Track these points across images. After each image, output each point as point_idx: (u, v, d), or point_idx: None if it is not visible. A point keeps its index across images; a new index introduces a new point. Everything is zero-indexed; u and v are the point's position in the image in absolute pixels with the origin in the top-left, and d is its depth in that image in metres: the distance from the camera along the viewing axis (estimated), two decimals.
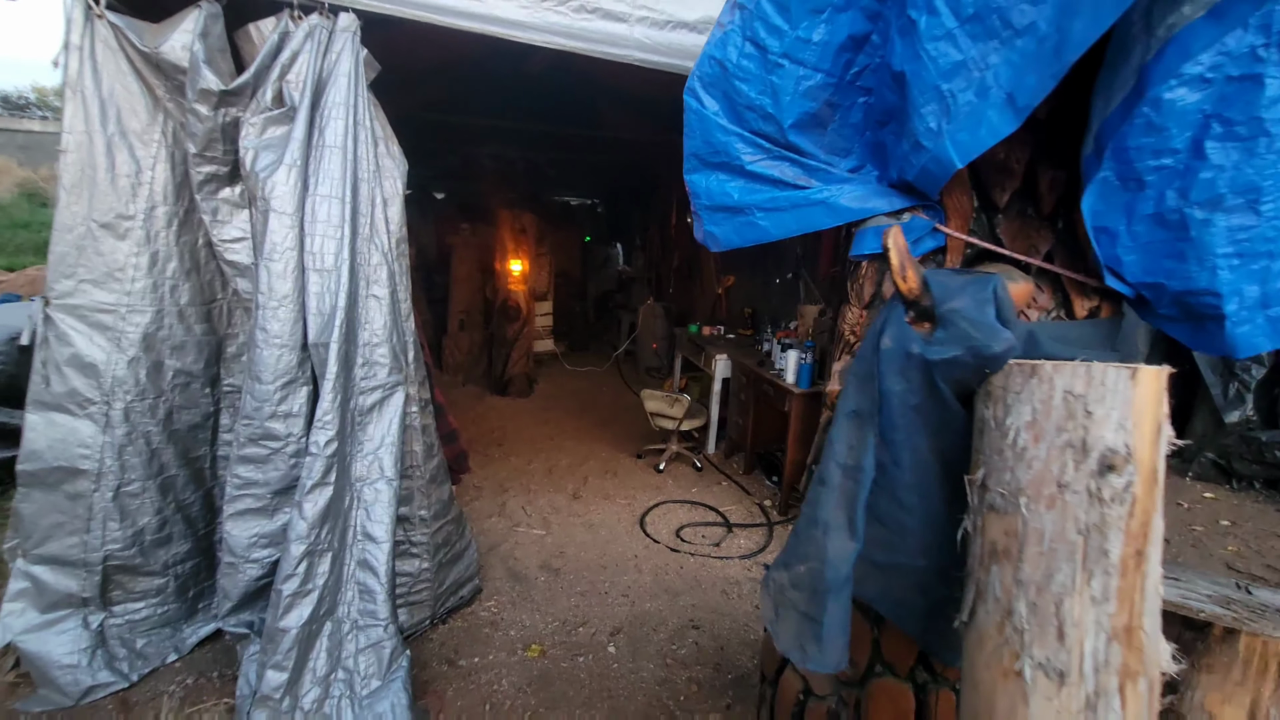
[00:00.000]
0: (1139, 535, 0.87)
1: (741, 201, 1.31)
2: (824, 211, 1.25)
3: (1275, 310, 1.00)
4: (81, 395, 2.07)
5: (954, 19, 0.97)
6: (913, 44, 1.02)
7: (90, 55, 1.92)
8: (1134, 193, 1.00)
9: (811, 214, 1.25)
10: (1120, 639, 0.87)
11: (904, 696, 1.36)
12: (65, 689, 2.08)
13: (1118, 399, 0.85)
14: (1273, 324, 1.01)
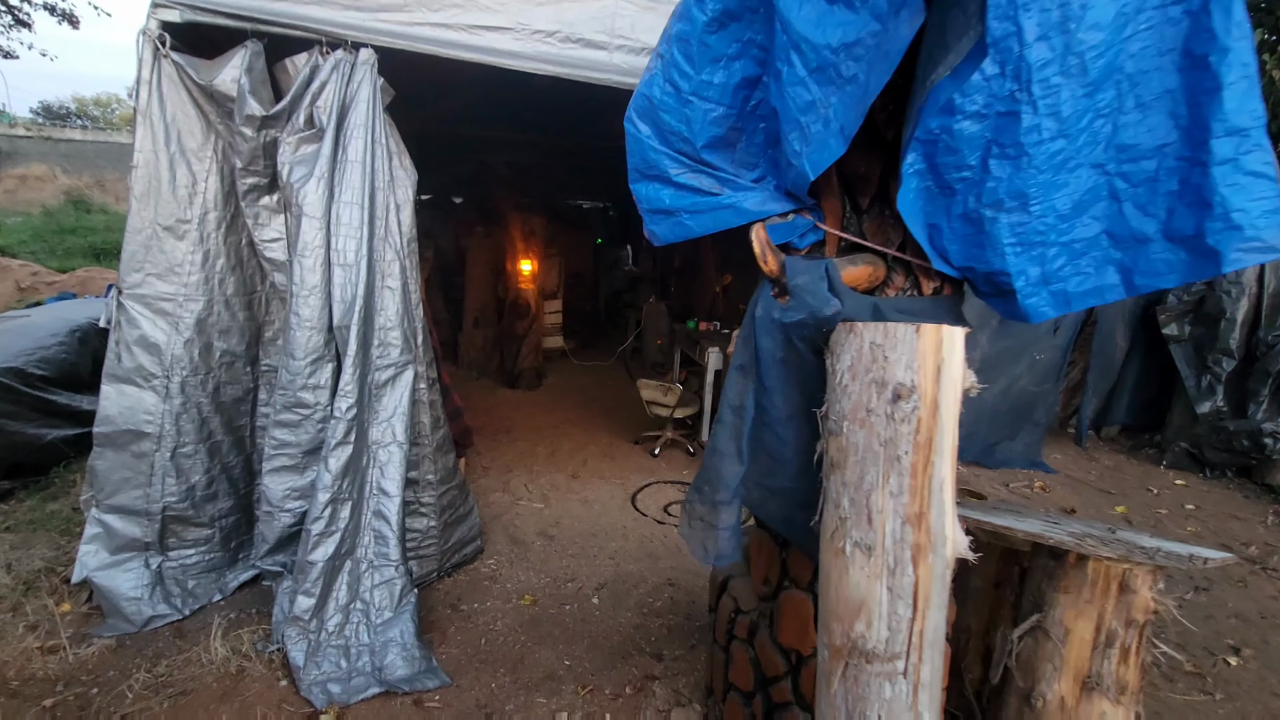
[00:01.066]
0: (925, 446, 1.19)
1: (672, 206, 1.65)
2: (733, 213, 1.58)
3: (1055, 286, 1.31)
4: (146, 370, 2.48)
5: (805, 69, 1.30)
6: (781, 86, 1.35)
7: (157, 88, 2.32)
8: (949, 197, 1.32)
9: (724, 215, 1.59)
10: (913, 523, 1.19)
11: (805, 604, 1.68)
12: (130, 618, 2.48)
13: (906, 347, 1.17)
14: (1055, 296, 1.32)
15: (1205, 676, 2.61)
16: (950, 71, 1.14)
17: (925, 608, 1.20)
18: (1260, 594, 3.26)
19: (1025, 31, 1.13)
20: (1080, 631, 1.72)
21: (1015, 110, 1.19)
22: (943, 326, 1.19)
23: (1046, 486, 4.60)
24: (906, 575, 1.19)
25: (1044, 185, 1.22)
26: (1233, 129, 1.11)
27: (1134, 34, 1.16)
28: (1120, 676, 1.69)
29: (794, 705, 1.75)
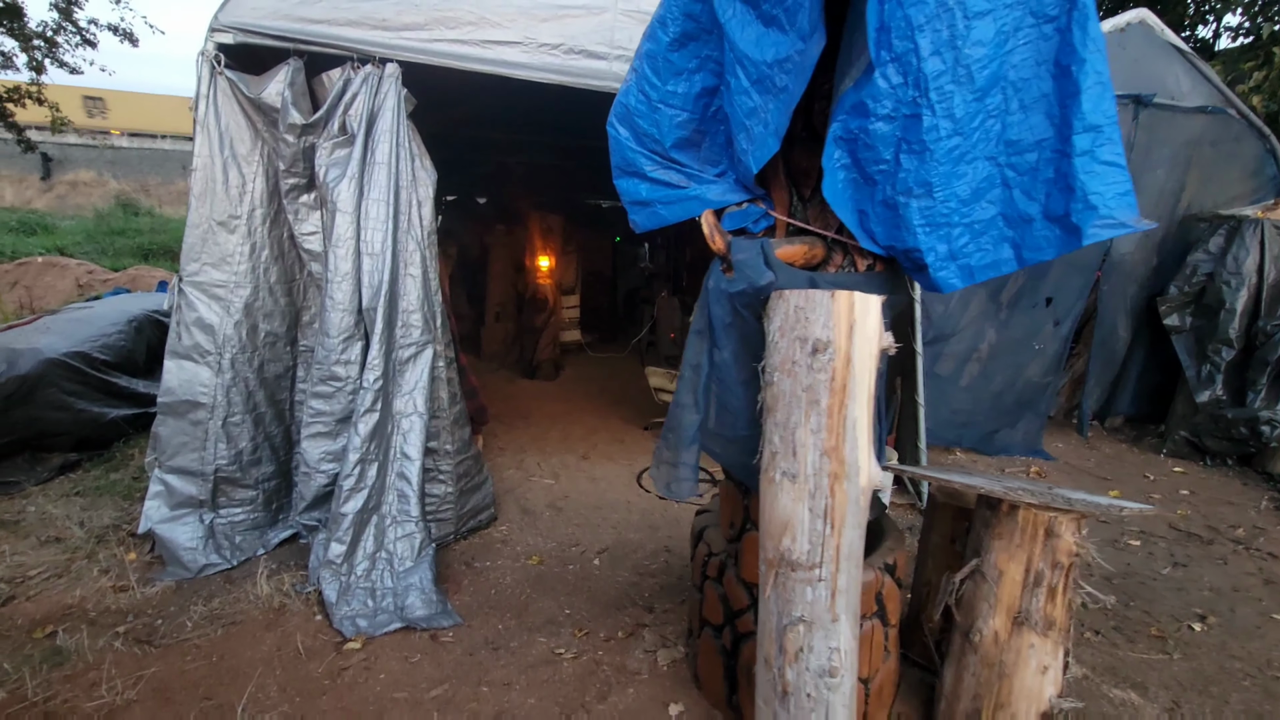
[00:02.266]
0: (840, 391, 1.43)
1: (648, 198, 1.91)
2: (698, 203, 1.83)
3: (961, 261, 1.54)
4: (202, 348, 2.83)
5: (748, 81, 1.54)
6: (730, 95, 1.60)
7: (213, 101, 2.67)
8: (871, 186, 1.55)
9: (691, 205, 1.84)
10: (829, 454, 1.43)
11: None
12: (187, 565, 2.82)
13: (823, 310, 1.42)
14: (962, 270, 1.55)
15: (1168, 639, 2.77)
16: (853, 84, 1.39)
17: (841, 526, 1.44)
18: (1238, 570, 3.39)
19: (921, 48, 1.37)
20: (1012, 573, 1.94)
21: (918, 113, 1.43)
22: (855, 293, 1.43)
23: (1042, 472, 4.74)
24: (824, 498, 1.43)
25: (945, 175, 1.46)
26: (1089, 126, 1.33)
27: (1015, 48, 1.39)
28: (1048, 613, 1.91)
29: (756, 634, 2.00)
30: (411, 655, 2.35)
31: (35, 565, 2.86)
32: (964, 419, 5.03)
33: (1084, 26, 1.31)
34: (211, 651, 2.29)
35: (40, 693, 2.04)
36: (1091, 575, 3.28)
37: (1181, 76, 5.20)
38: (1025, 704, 1.94)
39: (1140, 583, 3.24)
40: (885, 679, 2.09)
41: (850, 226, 1.59)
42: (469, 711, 2.11)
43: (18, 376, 3.71)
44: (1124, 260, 5.29)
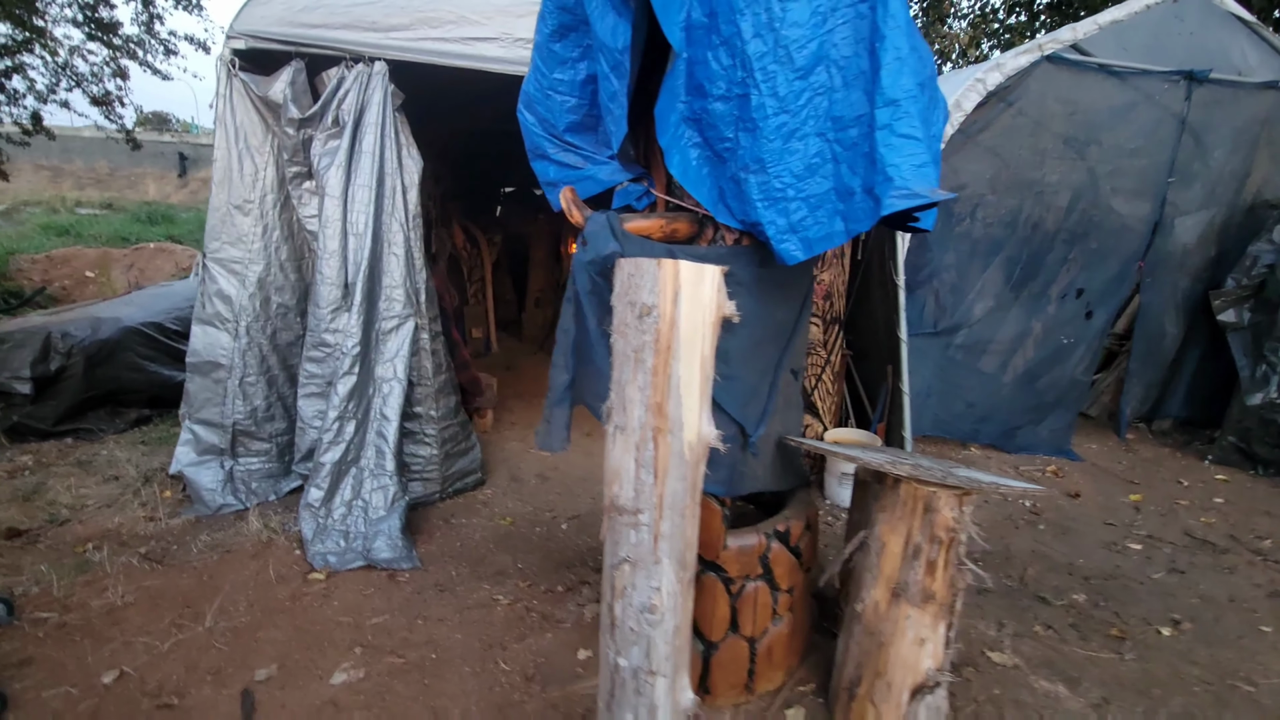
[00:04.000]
0: (665, 352, 1.55)
1: (555, 178, 2.07)
2: (593, 183, 1.98)
3: (801, 234, 1.60)
4: (222, 315, 3.25)
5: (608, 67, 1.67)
6: (598, 81, 1.73)
7: (229, 99, 3.06)
8: (722, 164, 1.65)
9: (587, 184, 1.99)
10: (654, 411, 1.56)
11: None
12: (208, 504, 3.26)
13: (649, 277, 1.54)
14: (803, 242, 1.61)
15: (1127, 640, 2.66)
16: (671, 68, 1.50)
17: (665, 476, 1.57)
18: (1243, 581, 3.16)
19: (744, 31, 1.48)
20: (893, 545, 1.99)
21: (747, 93, 1.53)
22: (683, 262, 1.55)
23: (1060, 472, 4.52)
24: (649, 450, 1.56)
25: (777, 151, 1.55)
26: (888, 100, 1.39)
27: (835, 27, 1.46)
28: (926, 586, 1.95)
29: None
30: (366, 589, 2.65)
31: (93, 497, 3.40)
32: (981, 413, 4.85)
33: (885, 3, 1.35)
34: (204, 572, 2.69)
35: (63, 592, 2.48)
36: (1071, 574, 3.17)
37: (1248, 49, 4.74)
38: (901, 674, 1.98)
39: (1123, 585, 3.09)
40: (776, 641, 2.18)
41: (703, 202, 1.69)
42: (400, 638, 2.37)
43: (100, 340, 4.34)
44: (1173, 251, 4.90)
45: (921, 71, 1.43)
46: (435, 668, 2.23)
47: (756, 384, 2.01)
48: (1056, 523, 3.75)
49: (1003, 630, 2.68)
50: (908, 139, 1.38)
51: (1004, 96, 4.34)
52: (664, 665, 1.61)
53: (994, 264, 4.65)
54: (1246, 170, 4.90)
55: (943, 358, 4.73)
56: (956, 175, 4.44)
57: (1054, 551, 3.39)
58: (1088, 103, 4.48)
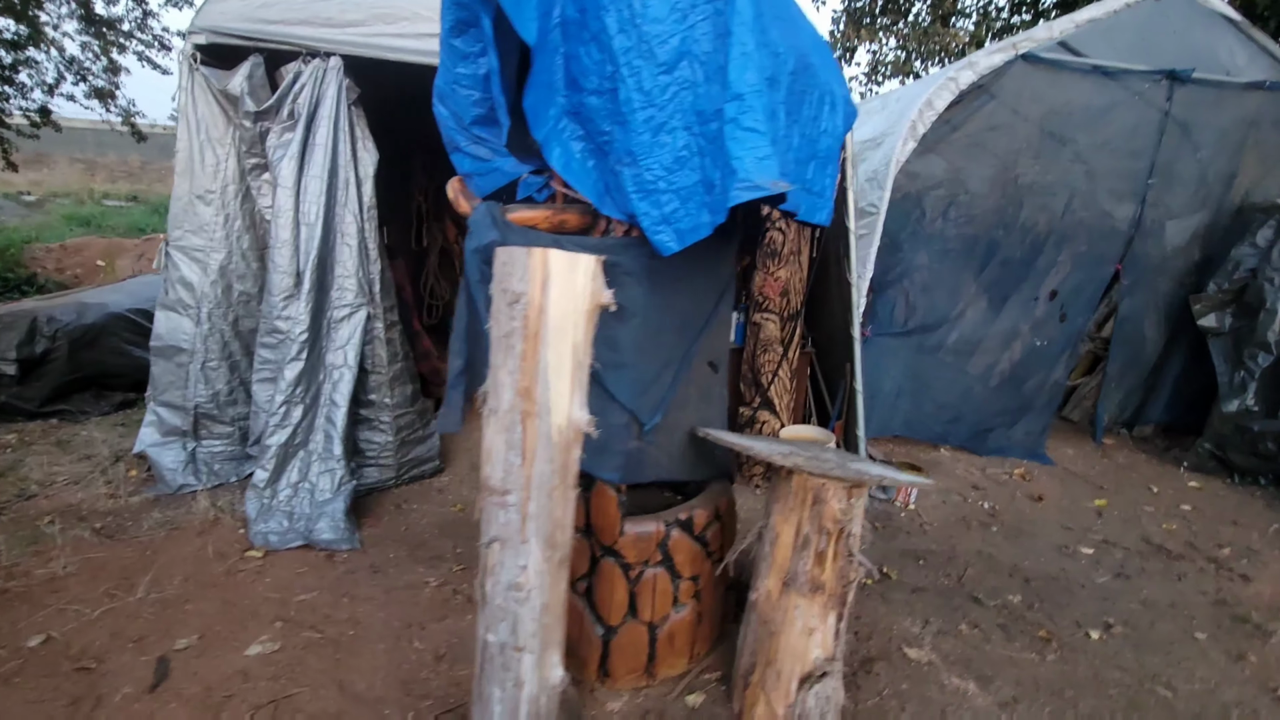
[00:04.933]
0: (533, 338, 1.59)
1: (469, 170, 2.13)
2: (500, 175, 2.03)
3: (674, 225, 1.64)
4: (184, 301, 3.36)
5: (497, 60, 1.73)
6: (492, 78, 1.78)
7: (191, 92, 3.16)
8: (604, 157, 1.69)
9: (495, 177, 2.04)
10: (522, 395, 1.60)
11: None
12: (168, 482, 3.38)
13: (519, 264, 1.58)
14: (677, 233, 1.65)
15: (1053, 642, 2.65)
16: (534, 63, 1.55)
17: (532, 459, 1.62)
18: (1190, 589, 3.12)
19: (609, 26, 1.52)
20: (785, 536, 2.02)
21: (615, 87, 1.57)
22: (551, 250, 1.59)
23: (1028, 475, 4.47)
24: (517, 433, 1.61)
25: (647, 145, 1.59)
26: (734, 94, 1.42)
27: (696, 23, 1.50)
28: (815, 577, 1.97)
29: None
30: (300, 568, 2.73)
31: (64, 474, 3.54)
32: (951, 414, 4.82)
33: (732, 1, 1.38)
34: (148, 548, 2.79)
35: (10, 560, 2.60)
36: (1012, 575, 3.16)
37: (1236, 49, 4.65)
38: (790, 663, 2.00)
39: (1064, 588, 3.07)
40: (679, 628, 2.21)
41: (586, 194, 1.73)
42: (322, 615, 2.45)
43: (85, 325, 4.50)
44: (1154, 254, 4.82)
45: (770, 67, 1.45)
46: (351, 644, 2.31)
47: (656, 374, 2.04)
48: (1012, 525, 3.72)
49: (926, 627, 2.68)
50: (751, 132, 1.41)
51: (978, 95, 4.31)
52: (531, 641, 1.65)
53: (965, 264, 4.61)
54: (1233, 172, 4.80)
55: (913, 358, 4.70)
56: (928, 175, 4.42)
57: (1001, 553, 3.37)
58: (1065, 102, 4.42)
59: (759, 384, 3.96)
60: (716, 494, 2.34)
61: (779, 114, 1.53)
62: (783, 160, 1.54)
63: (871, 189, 4.42)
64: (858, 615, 2.74)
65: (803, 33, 1.77)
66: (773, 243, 3.80)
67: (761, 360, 3.93)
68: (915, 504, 3.88)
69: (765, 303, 3.89)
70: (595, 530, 2.10)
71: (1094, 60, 4.44)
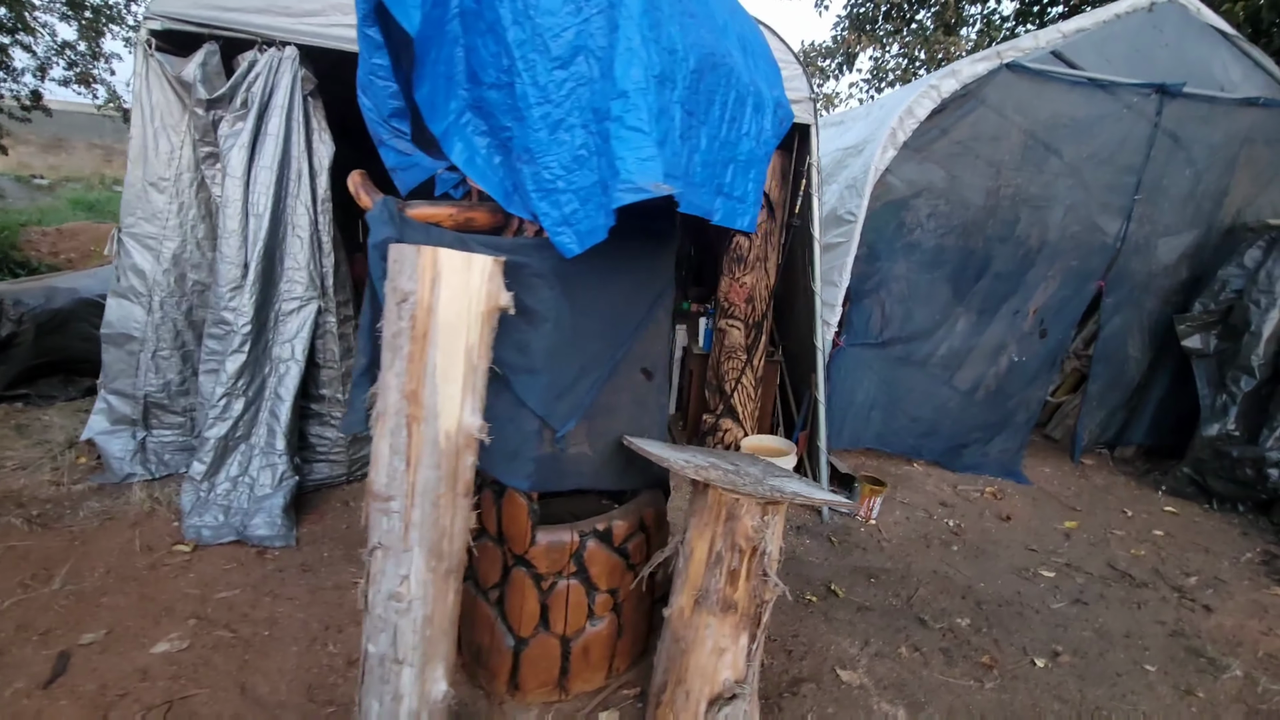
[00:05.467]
0: (421, 339, 1.54)
1: (394, 164, 2.07)
2: (420, 170, 1.97)
3: (574, 226, 1.57)
4: (136, 289, 3.32)
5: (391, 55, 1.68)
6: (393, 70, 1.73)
7: (146, 79, 3.13)
8: (508, 153, 1.63)
9: (415, 171, 1.98)
10: (409, 398, 1.55)
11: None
12: (115, 471, 3.35)
13: (409, 263, 1.53)
14: (577, 235, 1.58)
15: (995, 669, 2.57)
16: (419, 55, 1.49)
17: (417, 464, 1.56)
18: (1148, 618, 3.02)
19: (504, 17, 1.46)
20: (699, 552, 1.95)
21: (512, 81, 1.51)
22: (442, 249, 1.53)
23: (999, 494, 4.37)
24: (402, 437, 1.55)
25: (544, 142, 1.52)
26: (619, 92, 1.35)
27: (590, 17, 1.43)
28: (727, 595, 1.90)
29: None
30: (228, 564, 2.69)
31: (14, 459, 3.51)
32: (925, 428, 4.73)
33: None
34: (77, 538, 2.76)
35: None
36: (965, 597, 3.07)
37: (1230, 64, 4.53)
38: (699, 683, 1.93)
39: (1016, 612, 2.98)
40: (594, 642, 2.15)
41: (490, 192, 1.67)
42: (240, 613, 2.40)
43: (52, 309, 4.49)
44: (1138, 271, 4.71)
45: (661, 64, 1.39)
46: (263, 644, 2.25)
47: (572, 380, 1.98)
48: (974, 544, 3.63)
49: (865, 649, 2.60)
50: (635, 132, 1.34)
51: (960, 105, 4.22)
52: (411, 655, 1.59)
53: (944, 275, 4.52)
54: (1224, 190, 4.69)
55: (888, 369, 4.61)
56: (908, 184, 4.34)
57: (957, 573, 3.29)
58: (1050, 114, 4.33)
59: (723, 391, 3.89)
60: (643, 504, 2.27)
61: (673, 113, 1.46)
62: (676, 162, 1.47)
63: (850, 196, 4.34)
64: (795, 633, 2.67)
65: (723, 32, 1.71)
66: (739, 248, 3.73)
67: (726, 367, 3.86)
68: (877, 519, 3.80)
69: (731, 309, 3.82)
70: (507, 539, 2.03)
71: (1081, 71, 4.35)
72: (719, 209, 1.76)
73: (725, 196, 1.77)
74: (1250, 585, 3.37)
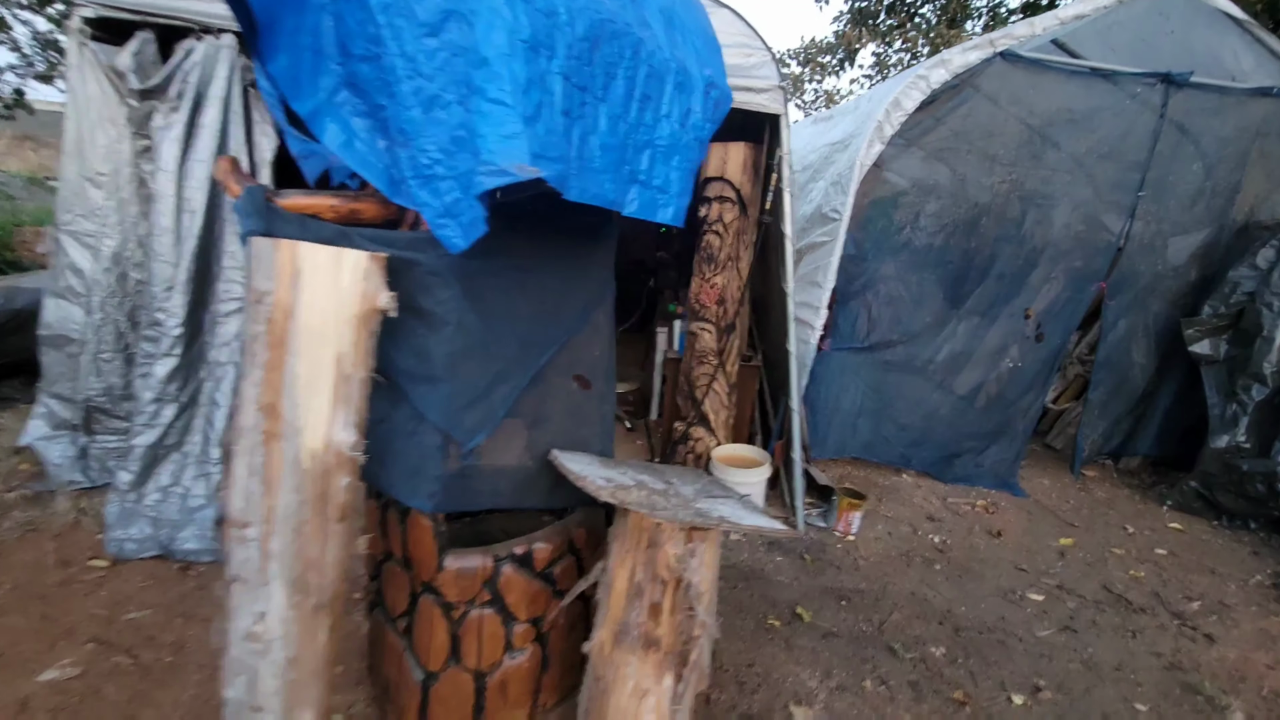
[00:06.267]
0: (279, 345, 1.36)
1: (299, 152, 1.89)
2: (320, 160, 1.79)
3: (458, 218, 1.38)
4: (74, 289, 3.19)
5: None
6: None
7: (80, 69, 2.99)
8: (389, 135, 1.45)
9: (315, 161, 1.81)
10: (266, 412, 1.37)
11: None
12: (54, 479, 3.21)
13: (266, 259, 1.35)
14: (462, 228, 1.39)
15: (968, 706, 2.35)
16: (285, 21, 1.31)
17: (275, 487, 1.38)
18: (1142, 647, 2.78)
19: None
20: (620, 581, 1.76)
21: (379, 52, 1.32)
22: (300, 244, 1.35)
23: (991, 507, 4.13)
24: (259, 456, 1.37)
25: (418, 122, 1.34)
26: (480, 60, 1.17)
27: None
28: (648, 631, 1.71)
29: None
30: (145, 581, 2.53)
31: None
32: (915, 437, 4.49)
33: None
34: None
35: None
36: (943, 623, 2.84)
37: (1241, 52, 4.26)
38: None
39: (998, 641, 2.75)
40: (513, 677, 1.96)
41: (370, 179, 1.48)
42: (145, 637, 2.24)
43: (13, 310, 4.39)
44: (1143, 272, 4.45)
45: (533, 29, 1.20)
46: (163, 672, 2.09)
47: (483, 389, 1.79)
48: (960, 563, 3.40)
49: (825, 681, 2.39)
50: (497, 105, 1.16)
51: (951, 97, 3.99)
52: (271, 701, 1.41)
53: (935, 276, 4.29)
54: (1235, 186, 4.41)
55: (874, 375, 4.39)
56: (896, 180, 4.12)
57: (937, 595, 3.06)
58: (1047, 105, 4.08)
59: (694, 398, 3.68)
60: (574, 524, 2.08)
61: (551, 86, 1.27)
62: (554, 143, 1.28)
63: (836, 194, 4.13)
64: (750, 662, 2.46)
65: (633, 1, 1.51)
66: (709, 247, 3.53)
67: (697, 373, 3.66)
68: (856, 534, 3.58)
69: (702, 311, 3.62)
70: (413, 564, 1.85)
71: (1080, 60, 4.11)
72: (634, 199, 1.56)
73: (642, 185, 1.58)
74: (1258, 612, 3.11)
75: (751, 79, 3.04)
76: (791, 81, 11.04)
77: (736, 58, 3.02)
